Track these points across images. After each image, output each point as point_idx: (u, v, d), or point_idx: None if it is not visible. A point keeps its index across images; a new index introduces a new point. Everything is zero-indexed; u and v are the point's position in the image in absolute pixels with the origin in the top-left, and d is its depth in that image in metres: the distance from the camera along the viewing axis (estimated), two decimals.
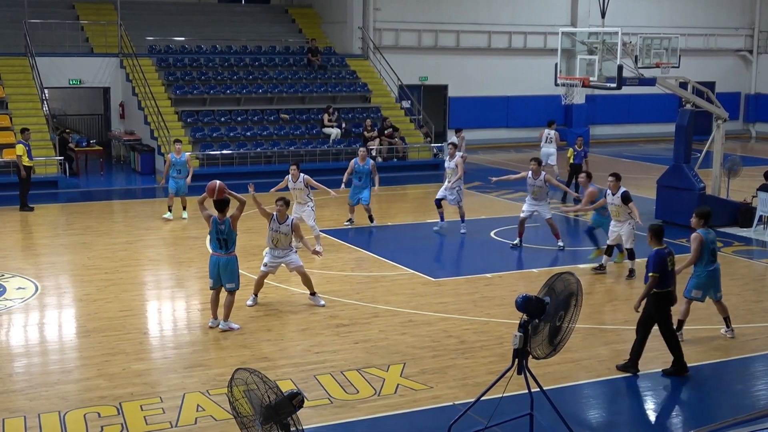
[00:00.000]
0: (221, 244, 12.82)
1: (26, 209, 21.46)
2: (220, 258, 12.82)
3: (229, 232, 12.76)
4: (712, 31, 41.15)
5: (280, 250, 13.98)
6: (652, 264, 11.15)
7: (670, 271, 11.20)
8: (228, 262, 12.80)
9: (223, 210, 12.84)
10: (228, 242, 12.80)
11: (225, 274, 12.81)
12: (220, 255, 12.82)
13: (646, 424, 10.22)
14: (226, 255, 12.81)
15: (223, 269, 12.79)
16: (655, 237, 11.41)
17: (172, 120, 27.81)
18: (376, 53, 33.44)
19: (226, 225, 12.73)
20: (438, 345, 12.35)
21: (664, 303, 11.24)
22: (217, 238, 12.84)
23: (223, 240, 12.80)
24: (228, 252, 12.82)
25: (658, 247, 11.30)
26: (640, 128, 40.07)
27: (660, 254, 11.16)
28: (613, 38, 19.78)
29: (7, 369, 11.43)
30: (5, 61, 28.19)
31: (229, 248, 12.83)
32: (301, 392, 7.14)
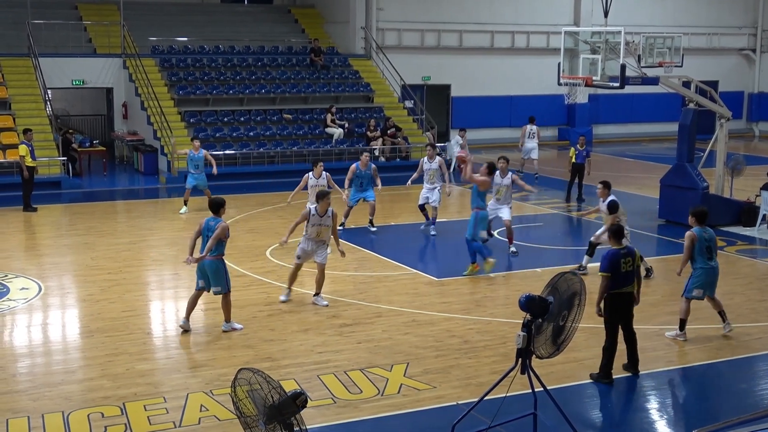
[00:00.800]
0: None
1: (29, 210, 21.48)
2: (205, 261, 12.64)
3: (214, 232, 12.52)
4: (715, 30, 41.11)
5: (317, 243, 14.15)
6: (603, 263, 10.94)
7: (625, 272, 10.90)
8: (212, 265, 12.62)
9: (217, 210, 12.74)
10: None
11: (211, 278, 12.67)
12: (206, 258, 12.61)
13: (650, 424, 10.21)
14: (212, 258, 12.60)
15: (210, 271, 12.63)
16: (614, 237, 11.17)
17: (175, 120, 27.83)
18: (379, 53, 33.44)
19: (216, 223, 12.57)
20: (441, 345, 12.34)
21: (617, 303, 11.00)
22: (207, 236, 12.64)
23: (207, 238, 12.57)
24: (213, 255, 12.59)
25: (616, 246, 11.08)
26: (643, 127, 40.04)
27: (613, 254, 10.92)
28: (616, 37, 19.77)
29: (10, 369, 11.44)
30: (8, 62, 28.22)
31: (214, 251, 12.58)
32: (304, 392, 7.14)
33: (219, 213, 12.78)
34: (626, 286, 10.97)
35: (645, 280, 15.87)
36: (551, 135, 38.40)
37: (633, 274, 11.02)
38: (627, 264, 10.90)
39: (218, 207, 12.83)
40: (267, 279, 15.59)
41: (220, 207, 12.83)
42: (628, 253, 11.00)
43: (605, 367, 11.09)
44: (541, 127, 37.90)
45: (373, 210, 19.82)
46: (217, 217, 12.74)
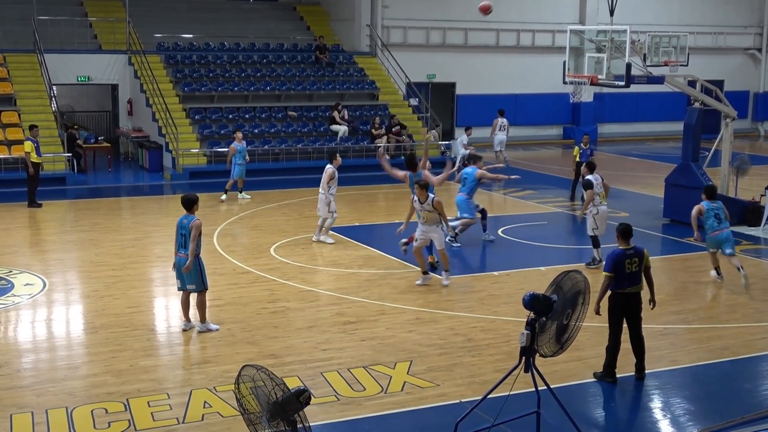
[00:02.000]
0: (183, 241, 12.40)
1: (34, 206, 21.51)
2: (180, 259, 12.46)
3: (188, 230, 12.29)
4: (721, 30, 41.03)
5: (427, 225, 14.99)
6: (607, 263, 10.91)
7: (630, 273, 10.82)
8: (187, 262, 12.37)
9: (191, 207, 12.47)
10: (188, 241, 12.29)
11: (187, 276, 12.47)
12: (181, 255, 12.45)
13: (653, 423, 10.21)
14: (186, 256, 12.35)
15: (184, 270, 12.44)
16: (621, 237, 11.05)
17: (180, 117, 27.84)
18: (384, 51, 33.42)
19: (189, 221, 12.32)
20: (445, 343, 12.34)
21: (620, 304, 10.95)
22: (181, 234, 12.44)
23: (184, 236, 12.37)
24: (187, 252, 12.31)
25: (623, 246, 10.97)
26: (648, 127, 39.98)
27: (618, 254, 10.85)
28: (621, 36, 19.73)
29: (14, 365, 11.46)
30: (14, 58, 28.25)
31: (188, 248, 12.30)
32: (308, 389, 7.14)
33: (192, 210, 12.49)
34: (631, 287, 10.93)
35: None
36: (556, 134, 38.40)
37: (639, 275, 10.95)
38: (633, 265, 10.84)
39: (191, 204, 12.53)
40: (271, 276, 15.59)
41: (193, 204, 12.54)
42: (635, 253, 10.93)
43: (608, 367, 11.08)
44: (546, 126, 38.19)
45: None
46: (190, 214, 12.45)
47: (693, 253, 18.08)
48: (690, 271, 16.88)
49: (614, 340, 11.06)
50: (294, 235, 18.87)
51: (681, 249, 18.53)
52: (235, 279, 15.42)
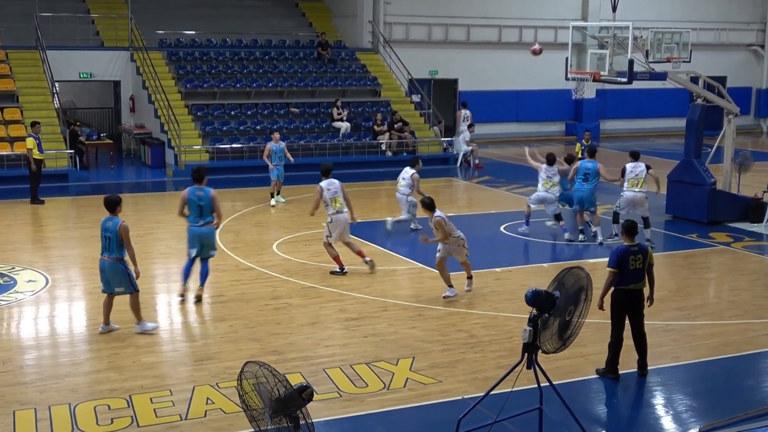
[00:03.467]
0: (107, 244, 12.12)
1: (37, 202, 21.52)
2: (104, 262, 12.18)
3: (114, 232, 12.02)
4: (724, 26, 40.98)
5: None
6: (611, 259, 10.87)
7: (634, 270, 10.80)
8: (112, 267, 12.15)
9: (114, 209, 12.22)
10: (112, 244, 12.05)
11: (112, 280, 12.22)
12: (105, 259, 12.17)
13: (656, 419, 10.21)
14: (111, 260, 12.11)
15: (110, 274, 12.20)
16: (626, 233, 11.02)
17: (182, 113, 27.85)
18: (386, 47, 33.40)
19: (113, 223, 12.06)
20: (447, 339, 12.35)
21: (623, 300, 10.93)
22: (105, 236, 12.12)
23: (108, 239, 12.08)
24: (112, 256, 12.09)
25: (628, 243, 10.92)
26: (650, 123, 39.94)
27: (622, 250, 10.82)
28: (624, 32, 19.70)
29: (17, 361, 11.48)
30: (16, 55, 28.26)
31: (114, 252, 12.08)
32: (310, 385, 7.15)
33: (116, 212, 12.21)
34: (634, 284, 10.92)
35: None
36: (558, 130, 38.37)
37: (642, 272, 10.93)
38: (636, 261, 10.83)
39: (115, 205, 12.23)
40: (273, 273, 15.59)
41: (116, 205, 12.24)
42: (639, 250, 10.92)
43: (611, 363, 11.08)
44: (549, 122, 38.15)
45: None
46: (114, 216, 12.18)
47: (696, 250, 18.08)
48: (692, 268, 16.88)
49: (616, 336, 11.06)
50: (296, 231, 18.87)
51: (683, 245, 18.52)
52: (237, 275, 15.42)
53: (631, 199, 18.01)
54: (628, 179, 18.06)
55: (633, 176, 18.07)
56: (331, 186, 15.63)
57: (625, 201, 18.04)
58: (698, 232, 19.38)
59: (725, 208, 20.27)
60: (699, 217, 20.10)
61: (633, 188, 18.01)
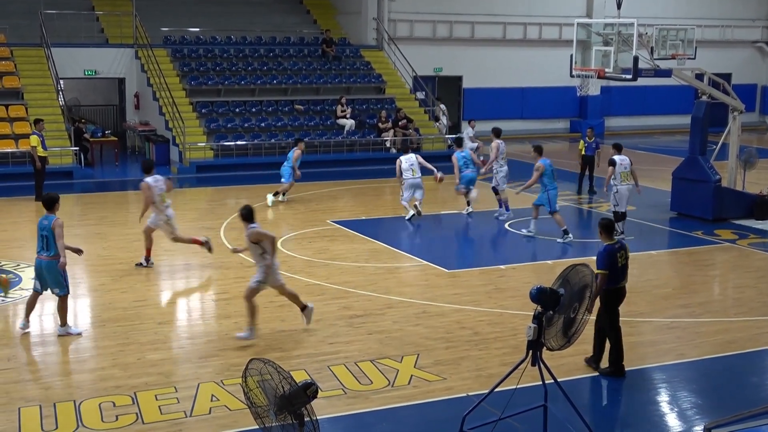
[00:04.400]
0: (44, 243, 12.02)
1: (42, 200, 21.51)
2: (41, 261, 12.09)
3: (50, 230, 11.95)
4: (729, 23, 40.91)
5: None
6: (601, 261, 10.77)
7: (621, 267, 10.80)
8: (49, 265, 12.04)
9: (51, 208, 12.19)
10: (50, 242, 11.96)
11: (49, 279, 12.10)
12: (42, 257, 12.07)
13: (660, 417, 10.20)
14: (48, 258, 12.01)
15: (46, 273, 12.08)
16: (605, 232, 10.94)
17: (187, 111, 27.86)
18: (391, 44, 33.39)
19: (49, 221, 12.01)
20: (452, 336, 12.35)
21: (615, 299, 10.94)
22: (42, 235, 12.03)
23: (44, 237, 11.99)
24: (50, 255, 11.98)
25: (608, 242, 10.89)
26: (655, 120, 39.91)
27: (609, 250, 10.78)
28: (628, 29, 19.69)
29: (22, 358, 11.50)
30: (21, 52, 28.29)
31: (51, 251, 11.97)
32: (315, 383, 7.15)
33: (53, 210, 12.18)
34: (623, 281, 10.93)
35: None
36: (563, 127, 38.35)
37: (627, 268, 10.95)
38: (621, 258, 10.82)
39: (53, 203, 12.25)
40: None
41: (54, 203, 12.25)
42: (621, 247, 10.91)
43: (616, 362, 11.05)
44: (553, 119, 38.13)
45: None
46: (51, 214, 12.13)
47: (700, 247, 18.06)
48: (697, 265, 16.86)
49: (616, 335, 11.04)
50: (301, 229, 18.88)
51: (688, 242, 18.50)
52: (242, 273, 15.42)
53: (626, 192, 18.10)
54: (620, 173, 18.03)
55: (623, 169, 18.11)
56: (157, 182, 15.72)
57: (622, 196, 18.06)
58: (703, 229, 19.35)
59: (730, 205, 20.25)
60: (704, 214, 20.08)
61: (625, 182, 18.11)
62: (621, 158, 18.18)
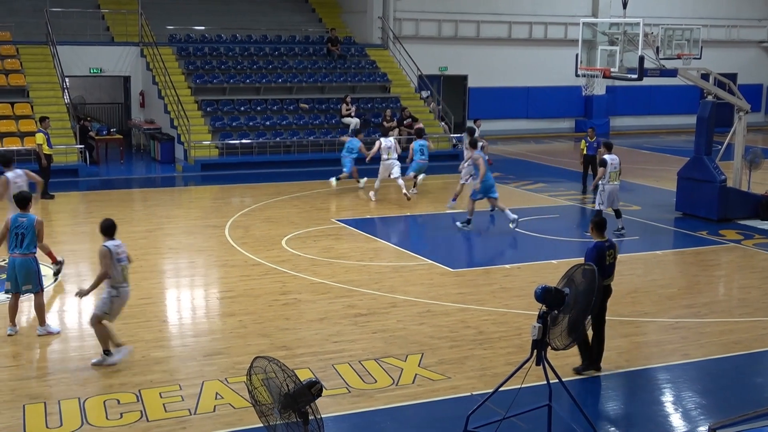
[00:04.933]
0: (18, 240, 11.89)
1: (47, 197, 21.55)
2: (15, 259, 11.95)
3: (29, 228, 11.90)
4: (735, 23, 40.86)
5: None
6: (588, 256, 10.75)
7: (608, 265, 10.77)
8: (25, 263, 11.96)
9: (26, 206, 12.18)
10: (26, 239, 11.89)
11: (21, 277, 11.96)
12: (17, 255, 11.93)
13: (665, 417, 10.19)
14: (23, 255, 11.92)
15: (19, 270, 11.95)
16: (597, 229, 10.95)
17: (192, 109, 27.88)
18: (396, 43, 33.39)
19: (28, 219, 11.96)
20: (456, 335, 12.34)
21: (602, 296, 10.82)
22: (16, 233, 11.89)
23: (20, 235, 11.88)
24: (26, 252, 11.93)
25: (599, 239, 10.89)
26: (661, 120, 39.87)
27: (599, 247, 10.76)
28: (634, 29, 19.66)
29: (27, 355, 11.52)
30: (27, 50, 28.32)
31: (27, 248, 11.92)
32: (319, 381, 7.15)
33: (27, 208, 12.19)
34: (609, 279, 10.92)
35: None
36: (568, 126, 38.33)
37: (614, 266, 10.93)
38: (610, 256, 10.81)
39: (27, 202, 12.24)
40: (282, 268, 15.60)
41: (28, 202, 12.26)
42: (610, 245, 10.91)
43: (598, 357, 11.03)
44: (559, 119, 38.10)
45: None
46: (26, 212, 12.11)
47: (705, 247, 18.04)
48: (702, 265, 16.84)
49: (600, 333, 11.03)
50: (305, 227, 18.88)
51: (693, 242, 18.48)
52: (246, 271, 15.44)
53: (614, 191, 18.17)
54: (610, 172, 18.10)
55: (613, 169, 18.17)
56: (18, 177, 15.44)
57: (609, 195, 18.11)
58: (708, 229, 19.32)
59: (735, 206, 20.22)
60: (709, 214, 20.05)
61: (614, 181, 18.18)
62: (611, 158, 18.24)
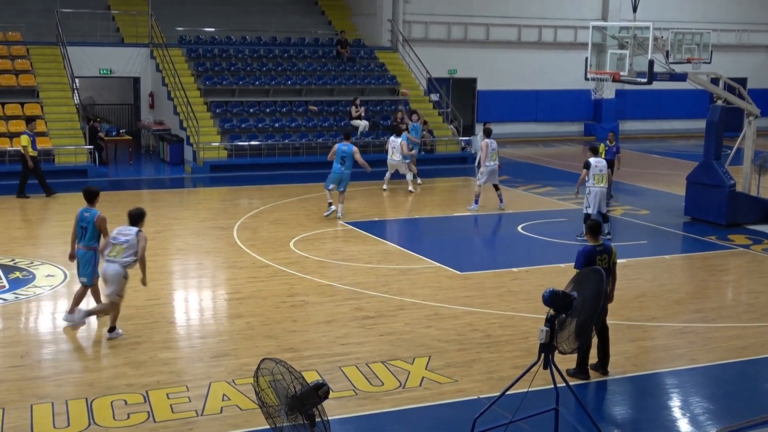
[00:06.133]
0: (82, 233, 12.49)
1: (23, 197, 21.54)
2: (79, 251, 12.52)
3: (90, 222, 12.40)
4: (745, 27, 40.74)
5: None
6: (578, 260, 10.71)
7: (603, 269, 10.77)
8: (85, 255, 12.48)
9: (92, 201, 12.65)
10: (87, 233, 12.42)
11: (80, 267, 12.56)
12: (80, 248, 12.51)
13: (672, 421, 10.16)
14: (85, 248, 12.46)
15: (80, 261, 12.55)
16: (590, 233, 10.95)
17: (201, 110, 27.92)
18: (405, 46, 33.39)
19: (91, 214, 12.45)
20: (463, 338, 12.33)
21: None
22: (81, 227, 12.50)
23: (84, 228, 12.46)
24: (88, 245, 12.45)
25: (593, 243, 10.85)
26: (670, 124, 39.78)
27: (589, 251, 10.71)
28: (644, 33, 19.62)
29: (35, 355, 11.54)
30: (37, 50, 28.40)
31: (89, 241, 12.44)
32: (326, 383, 7.16)
33: (93, 203, 12.66)
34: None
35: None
36: (577, 130, 38.27)
37: (608, 271, 10.86)
38: (603, 261, 10.72)
39: (94, 196, 12.72)
40: (290, 270, 15.61)
41: (95, 196, 12.72)
42: (604, 250, 10.84)
43: (582, 363, 11.00)
44: (568, 123, 38.05)
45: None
46: (92, 207, 12.60)
47: (714, 252, 17.99)
48: (710, 270, 16.80)
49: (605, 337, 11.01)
50: (313, 229, 18.89)
51: (701, 247, 18.44)
52: (254, 273, 15.46)
53: (600, 194, 18.11)
54: (594, 174, 18.10)
55: (597, 171, 18.13)
56: None
57: (594, 197, 18.06)
58: (717, 234, 19.28)
59: (744, 211, 20.16)
60: (718, 219, 20.00)
61: (599, 184, 18.12)
62: (596, 161, 18.26)
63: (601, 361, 11.15)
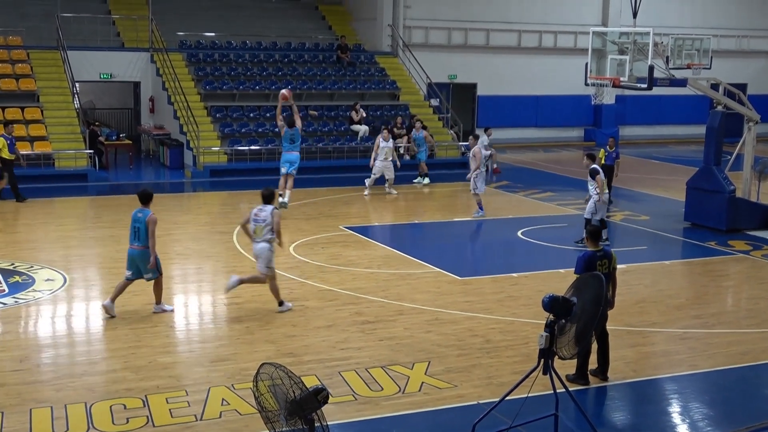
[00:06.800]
0: (137, 234, 12.96)
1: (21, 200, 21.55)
2: (133, 251, 13.04)
3: (143, 223, 12.86)
4: (745, 33, 40.79)
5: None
6: (577, 265, 10.72)
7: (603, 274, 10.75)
8: (142, 255, 13.00)
9: (146, 202, 13.12)
10: (141, 233, 12.90)
11: (142, 267, 13.07)
12: (135, 248, 13.01)
13: (671, 428, 10.15)
14: (140, 248, 12.97)
15: (139, 262, 13.03)
16: (591, 238, 10.95)
17: (201, 115, 27.94)
18: (406, 51, 33.42)
19: (144, 215, 12.92)
20: (463, 344, 12.32)
21: None
22: (135, 227, 12.97)
23: (137, 229, 12.93)
24: (141, 245, 12.96)
25: (593, 249, 10.84)
26: (670, 129, 39.80)
27: (589, 256, 10.71)
28: (644, 38, 19.65)
29: (34, 360, 11.53)
30: (37, 55, 28.44)
31: (143, 241, 12.94)
32: (325, 388, 7.15)
33: (148, 204, 13.16)
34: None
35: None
36: (577, 135, 38.29)
37: (608, 276, 10.84)
38: (603, 266, 10.71)
39: (149, 198, 13.24)
40: (290, 275, 15.60)
41: (150, 198, 13.26)
42: (604, 255, 10.85)
43: (581, 368, 11.00)
44: (568, 128, 38.08)
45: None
46: (146, 208, 13.08)
47: (714, 257, 17.99)
48: (710, 275, 16.79)
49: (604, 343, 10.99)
50: (313, 234, 18.89)
51: (701, 253, 18.43)
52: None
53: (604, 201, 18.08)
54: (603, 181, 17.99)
55: (602, 178, 18.00)
56: None
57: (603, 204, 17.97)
58: (717, 239, 19.28)
59: (744, 216, 20.16)
60: (718, 224, 20.00)
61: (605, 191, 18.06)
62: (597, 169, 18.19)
63: (601, 367, 11.14)
